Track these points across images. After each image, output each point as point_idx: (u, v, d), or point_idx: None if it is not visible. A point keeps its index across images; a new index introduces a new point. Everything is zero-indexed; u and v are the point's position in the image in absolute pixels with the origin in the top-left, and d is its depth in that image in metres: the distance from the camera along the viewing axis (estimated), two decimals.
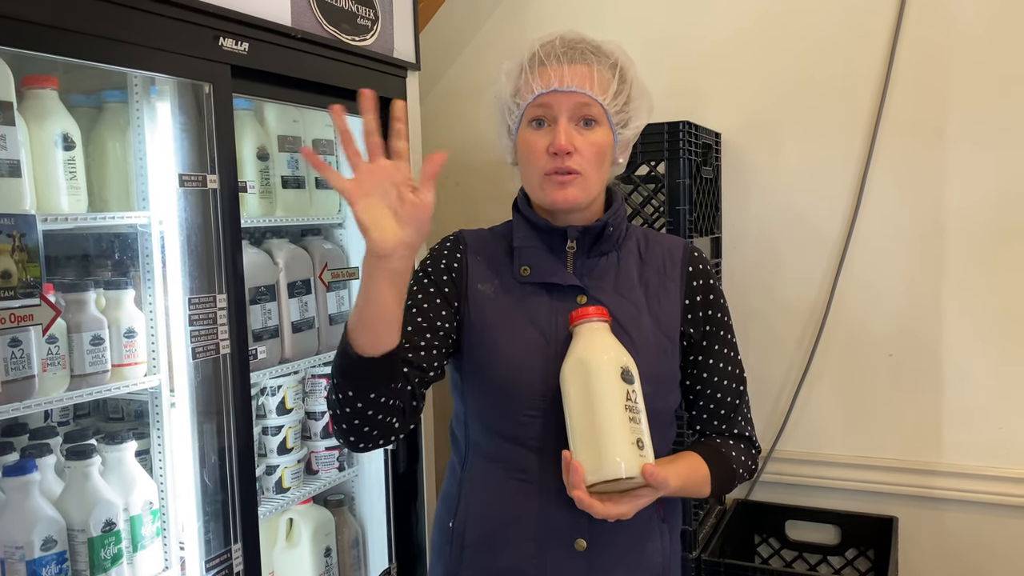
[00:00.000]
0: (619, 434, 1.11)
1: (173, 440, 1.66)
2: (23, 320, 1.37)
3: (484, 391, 1.28)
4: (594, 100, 1.22)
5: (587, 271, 1.29)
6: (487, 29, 2.64)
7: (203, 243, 1.62)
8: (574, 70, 1.21)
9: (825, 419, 2.31)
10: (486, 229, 1.40)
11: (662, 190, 2.04)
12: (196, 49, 1.54)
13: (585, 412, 1.13)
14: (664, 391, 1.27)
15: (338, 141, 2.17)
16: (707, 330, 1.32)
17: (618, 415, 1.12)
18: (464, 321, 1.30)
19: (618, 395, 1.13)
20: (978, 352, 2.14)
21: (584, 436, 1.13)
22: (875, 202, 2.21)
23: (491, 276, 1.31)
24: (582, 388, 1.14)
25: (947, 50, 2.11)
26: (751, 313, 2.36)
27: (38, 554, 1.43)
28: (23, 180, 1.38)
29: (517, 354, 1.23)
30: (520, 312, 1.27)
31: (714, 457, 1.29)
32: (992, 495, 2.13)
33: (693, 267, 1.33)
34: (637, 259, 1.32)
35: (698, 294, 1.32)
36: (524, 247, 1.30)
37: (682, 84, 2.39)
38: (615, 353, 1.16)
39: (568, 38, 1.25)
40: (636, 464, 1.10)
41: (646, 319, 1.27)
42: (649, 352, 1.25)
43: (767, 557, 2.38)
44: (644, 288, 1.30)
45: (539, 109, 1.23)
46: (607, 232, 1.28)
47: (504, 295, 1.29)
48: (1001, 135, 2.07)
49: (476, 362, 1.28)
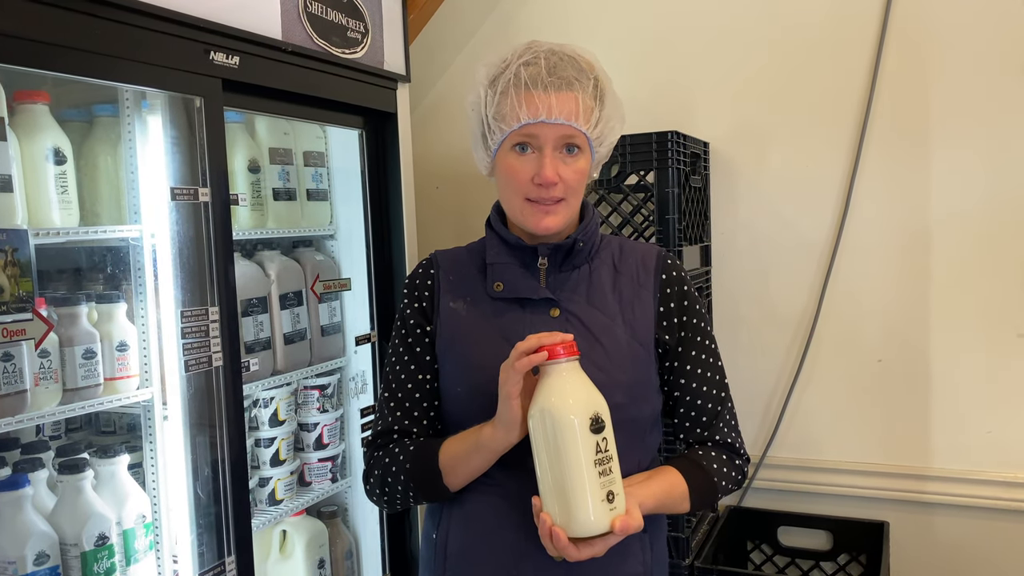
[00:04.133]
0: (589, 492, 1.08)
1: (166, 453, 1.66)
2: (15, 335, 1.37)
3: (459, 406, 1.30)
4: (578, 131, 1.23)
5: (559, 285, 1.30)
6: (476, 40, 2.66)
7: (195, 256, 1.62)
8: (561, 100, 1.21)
9: (816, 425, 2.32)
10: (463, 247, 1.41)
11: (651, 199, 2.05)
12: (187, 63, 1.55)
13: (553, 466, 1.10)
14: (639, 400, 1.28)
15: (328, 153, 2.19)
16: (682, 336, 1.32)
17: (587, 472, 1.08)
18: (437, 340, 1.32)
19: (588, 450, 1.09)
20: (967, 356, 2.15)
21: (553, 490, 1.11)
22: (862, 209, 2.23)
23: (463, 293, 1.33)
24: (550, 441, 1.10)
25: (932, 58, 2.14)
26: (740, 321, 2.37)
27: (31, 569, 1.43)
28: (15, 195, 1.38)
29: (490, 368, 1.23)
30: (493, 327, 1.29)
31: (694, 472, 1.28)
32: (981, 499, 2.15)
33: (667, 274, 1.33)
34: (611, 269, 1.33)
35: (672, 301, 1.32)
36: (496, 263, 1.31)
37: (670, 94, 2.41)
38: (584, 401, 1.11)
39: (550, 58, 1.23)
40: (606, 519, 1.09)
41: (620, 328, 1.28)
42: (623, 361, 1.26)
43: (760, 563, 2.39)
44: (618, 297, 1.30)
45: (524, 137, 1.23)
46: (577, 247, 1.30)
47: (476, 311, 1.31)
48: (986, 142, 2.10)
49: (450, 378, 1.30)
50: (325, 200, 2.19)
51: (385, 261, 2.17)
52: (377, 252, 2.16)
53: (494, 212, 1.36)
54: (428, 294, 1.35)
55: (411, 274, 1.40)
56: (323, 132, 2.19)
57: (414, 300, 1.36)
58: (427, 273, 1.37)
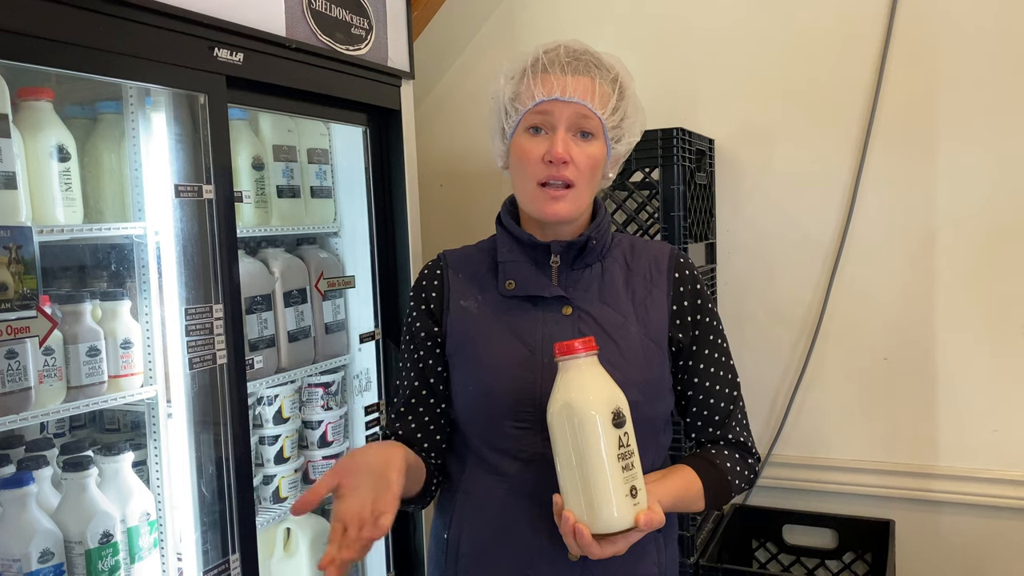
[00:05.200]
0: (613, 487, 1.07)
1: (170, 451, 1.66)
2: (20, 332, 1.37)
3: (473, 404, 1.29)
4: (593, 113, 1.23)
5: (572, 283, 1.29)
6: (481, 36, 2.65)
7: (199, 253, 1.62)
8: (577, 81, 1.22)
9: (821, 423, 2.32)
10: (472, 245, 1.40)
11: (656, 197, 2.05)
12: (191, 60, 1.54)
13: (576, 462, 1.09)
14: (654, 398, 1.27)
15: (332, 151, 2.19)
16: (696, 335, 1.32)
17: (611, 467, 1.07)
18: (447, 339, 1.32)
19: (611, 445, 1.08)
20: (972, 355, 2.15)
21: (575, 486, 1.09)
22: (868, 206, 2.22)
23: (474, 292, 1.32)
24: (571, 436, 1.09)
25: (938, 56, 2.13)
26: (746, 318, 2.37)
27: (35, 567, 1.42)
28: (19, 192, 1.38)
29: (503, 367, 1.24)
30: (505, 326, 1.28)
31: (708, 471, 1.28)
32: (988, 497, 2.14)
33: (679, 273, 1.32)
34: (623, 267, 1.32)
35: (685, 299, 1.31)
36: (508, 261, 1.31)
37: (675, 91, 2.40)
38: (606, 396, 1.10)
39: (572, 47, 1.25)
40: (630, 515, 1.08)
41: (633, 327, 1.27)
42: (636, 359, 1.25)
43: (765, 562, 2.38)
44: (631, 296, 1.30)
45: (538, 116, 1.23)
46: (590, 245, 1.29)
47: (488, 310, 1.30)
48: (992, 140, 2.09)
49: (463, 377, 1.30)
50: (329, 197, 2.18)
51: (389, 258, 2.17)
52: (381, 249, 2.16)
53: (505, 209, 1.35)
54: (436, 295, 1.34)
55: (419, 275, 1.39)
56: (327, 129, 2.19)
57: (421, 303, 1.36)
58: (434, 273, 1.37)
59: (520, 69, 1.26)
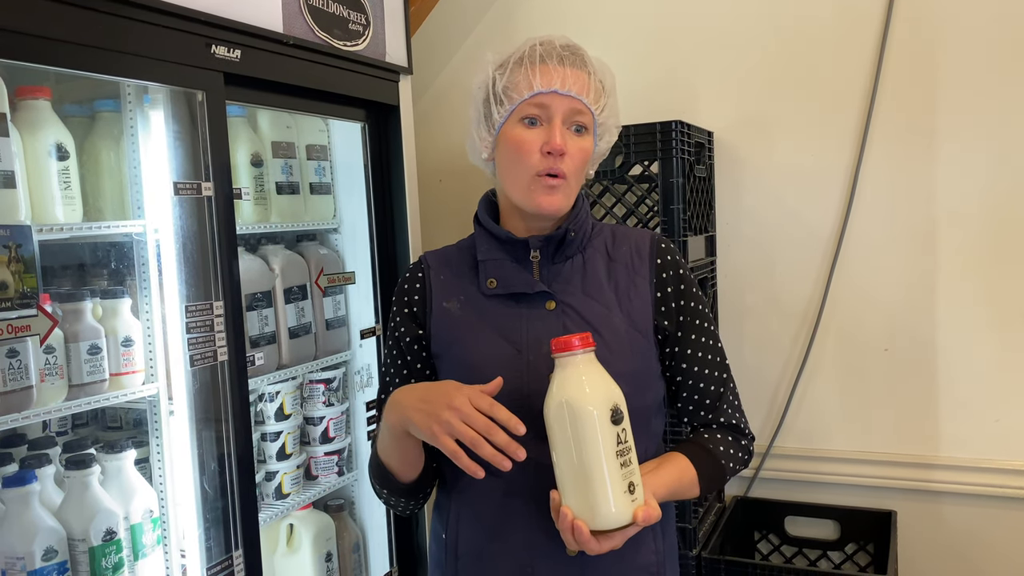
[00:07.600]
0: (611, 484, 1.07)
1: (172, 448, 1.66)
2: (20, 331, 1.37)
3: None
4: (587, 108, 1.23)
5: (553, 277, 1.28)
6: (478, 32, 2.65)
7: (199, 250, 1.62)
8: (575, 75, 1.22)
9: (822, 415, 2.32)
10: (452, 245, 1.40)
11: (656, 190, 2.05)
12: (189, 57, 1.54)
13: (574, 459, 1.09)
14: (642, 388, 1.26)
15: (331, 147, 2.18)
16: (681, 320, 1.31)
17: (609, 464, 1.07)
18: (431, 341, 1.32)
19: (609, 442, 1.08)
20: (974, 345, 2.15)
21: (573, 483, 1.09)
22: (868, 198, 2.22)
23: (456, 292, 1.32)
24: (569, 434, 1.09)
25: (937, 49, 2.13)
26: (746, 310, 2.37)
27: (39, 564, 1.43)
28: (18, 191, 1.38)
29: (490, 366, 1.22)
30: (488, 325, 1.27)
31: (701, 456, 1.28)
32: (989, 487, 2.14)
33: (661, 259, 1.31)
34: (605, 257, 1.31)
35: (669, 285, 1.30)
36: (488, 260, 1.30)
37: (673, 83, 2.40)
38: (604, 393, 1.10)
39: (564, 42, 1.25)
40: (628, 511, 1.08)
41: (617, 317, 1.27)
42: (623, 351, 1.25)
43: (767, 554, 2.39)
44: (614, 286, 1.29)
45: (534, 108, 1.22)
46: (569, 237, 1.28)
47: (471, 310, 1.29)
48: (991, 132, 2.08)
49: (450, 378, 1.28)
50: (328, 194, 2.18)
51: (389, 254, 2.17)
52: (381, 245, 2.16)
53: (481, 207, 1.35)
54: (418, 297, 1.34)
55: (400, 280, 1.39)
56: (325, 125, 2.19)
57: (403, 307, 1.36)
58: (415, 276, 1.36)
59: (512, 59, 1.25)
